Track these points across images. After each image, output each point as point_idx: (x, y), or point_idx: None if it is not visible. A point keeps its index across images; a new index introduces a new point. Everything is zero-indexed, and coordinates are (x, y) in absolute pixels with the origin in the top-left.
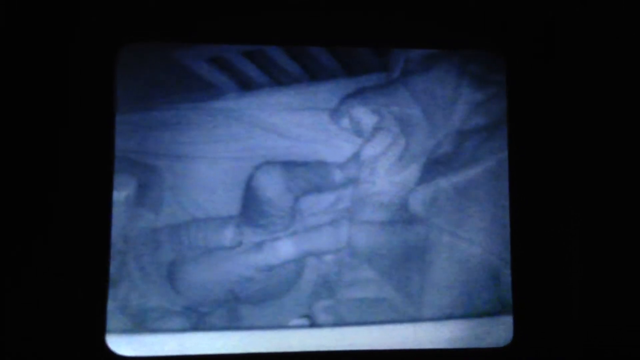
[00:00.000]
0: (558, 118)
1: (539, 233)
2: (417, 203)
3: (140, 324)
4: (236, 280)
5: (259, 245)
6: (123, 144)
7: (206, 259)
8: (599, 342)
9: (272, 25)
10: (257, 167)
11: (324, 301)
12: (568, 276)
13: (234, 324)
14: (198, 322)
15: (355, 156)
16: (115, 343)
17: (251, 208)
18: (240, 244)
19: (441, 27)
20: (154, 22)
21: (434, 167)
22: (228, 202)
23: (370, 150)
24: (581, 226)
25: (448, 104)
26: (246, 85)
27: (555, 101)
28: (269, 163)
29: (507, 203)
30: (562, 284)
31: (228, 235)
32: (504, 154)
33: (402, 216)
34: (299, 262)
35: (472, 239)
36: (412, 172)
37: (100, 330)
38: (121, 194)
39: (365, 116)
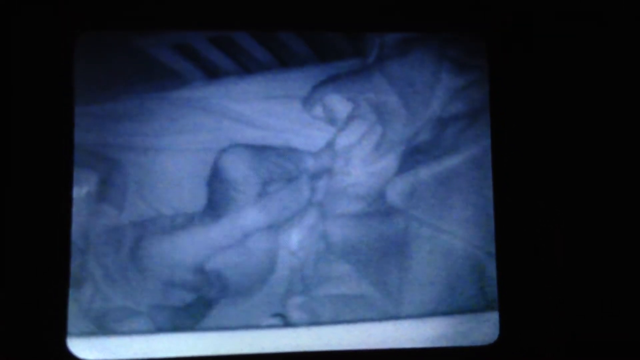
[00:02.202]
0: (542, 104)
1: (525, 225)
2: (395, 194)
3: (103, 326)
4: (205, 254)
5: (225, 216)
6: (83, 136)
7: (171, 235)
8: (587, 338)
9: (239, 9)
10: (223, 149)
11: (297, 298)
12: (555, 270)
13: (202, 324)
14: (164, 323)
15: (329, 146)
16: (77, 346)
17: (216, 193)
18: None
19: (418, 9)
20: (114, 8)
21: (412, 156)
22: (195, 197)
23: (345, 139)
24: (568, 217)
25: (427, 90)
26: (213, 73)
27: (538, 86)
28: (236, 145)
29: (490, 193)
30: (549, 279)
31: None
32: (487, 142)
33: (379, 208)
34: (271, 256)
35: (454, 231)
36: (390, 161)
37: (61, 333)
38: (82, 190)
39: (339, 104)
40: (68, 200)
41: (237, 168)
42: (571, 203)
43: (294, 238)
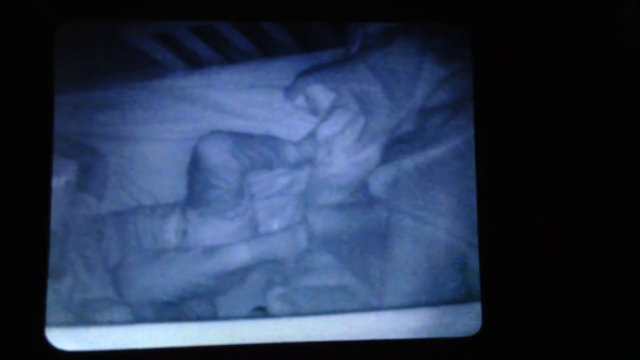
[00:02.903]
0: (526, 94)
1: (508, 216)
2: (378, 185)
3: (83, 317)
4: (184, 286)
5: (211, 251)
6: (63, 125)
7: (153, 263)
8: (570, 329)
9: None
10: (203, 136)
11: (278, 289)
12: (538, 261)
13: (183, 315)
14: (145, 314)
15: (311, 136)
16: (56, 337)
17: (196, 181)
18: (185, 233)
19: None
20: None
21: (395, 146)
22: (176, 186)
23: (327, 129)
24: (551, 209)
25: (410, 80)
26: (194, 63)
27: (523, 77)
28: (216, 132)
29: (473, 184)
30: (532, 269)
31: (173, 222)
32: (470, 133)
33: (362, 199)
34: (251, 248)
35: (436, 222)
36: (373, 152)
37: (39, 324)
38: (61, 179)
39: (321, 94)
40: (47, 189)
41: (217, 155)
42: (554, 194)
43: (278, 251)
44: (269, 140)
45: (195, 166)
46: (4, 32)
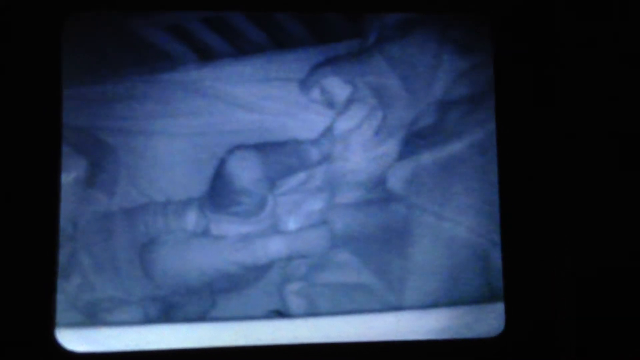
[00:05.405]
0: (549, 87)
1: (531, 213)
2: (396, 180)
3: (93, 317)
4: (214, 273)
5: (247, 240)
6: (72, 120)
7: (185, 246)
8: (595, 330)
9: None
10: (230, 152)
11: (295, 284)
12: (563, 259)
13: (196, 315)
14: (157, 314)
15: (328, 131)
16: (66, 337)
17: (221, 195)
18: (206, 229)
19: None
20: None
21: (414, 141)
22: (189, 183)
23: (344, 124)
24: (576, 205)
25: (429, 72)
26: (206, 55)
27: (545, 68)
28: (242, 147)
29: (495, 179)
30: (557, 268)
31: (191, 219)
32: (491, 126)
33: (380, 195)
34: (268, 246)
35: (457, 219)
36: (391, 146)
37: (49, 324)
38: (70, 175)
39: (337, 87)
40: (56, 186)
41: (246, 175)
42: (579, 190)
43: (292, 226)
44: (291, 145)
45: (222, 184)
46: (11, 24)
